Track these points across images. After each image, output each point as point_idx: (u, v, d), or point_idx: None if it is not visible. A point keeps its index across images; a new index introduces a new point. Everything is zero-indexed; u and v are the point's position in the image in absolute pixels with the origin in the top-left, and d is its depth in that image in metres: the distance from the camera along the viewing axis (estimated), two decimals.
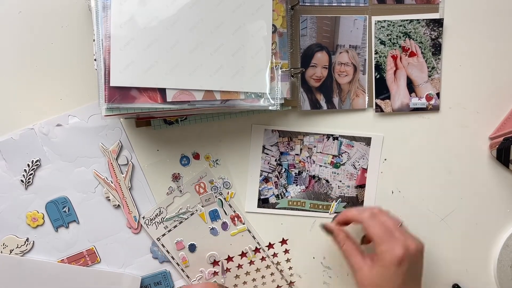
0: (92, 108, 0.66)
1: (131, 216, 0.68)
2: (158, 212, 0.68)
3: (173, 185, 0.68)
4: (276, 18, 0.61)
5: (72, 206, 0.67)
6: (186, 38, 0.57)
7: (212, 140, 0.68)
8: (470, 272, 0.71)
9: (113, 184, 0.67)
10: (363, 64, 0.68)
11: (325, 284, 0.71)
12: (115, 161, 0.67)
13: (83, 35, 0.66)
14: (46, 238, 0.67)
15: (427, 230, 0.71)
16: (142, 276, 0.68)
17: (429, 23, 0.68)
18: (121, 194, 0.67)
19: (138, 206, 0.68)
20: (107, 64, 0.55)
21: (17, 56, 0.66)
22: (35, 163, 0.66)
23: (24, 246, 0.67)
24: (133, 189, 0.68)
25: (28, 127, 0.66)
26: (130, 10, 0.56)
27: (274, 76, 0.60)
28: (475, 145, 0.70)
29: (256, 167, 0.69)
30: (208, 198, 0.69)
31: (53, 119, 0.66)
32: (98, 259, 0.68)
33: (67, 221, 0.67)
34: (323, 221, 0.70)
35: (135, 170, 0.68)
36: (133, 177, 0.68)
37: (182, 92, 0.57)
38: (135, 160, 0.67)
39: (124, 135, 0.67)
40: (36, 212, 0.67)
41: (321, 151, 0.69)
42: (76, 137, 0.66)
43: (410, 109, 0.69)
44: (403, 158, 0.70)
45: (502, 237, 0.71)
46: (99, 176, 0.67)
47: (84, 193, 0.67)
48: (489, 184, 0.71)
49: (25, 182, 0.66)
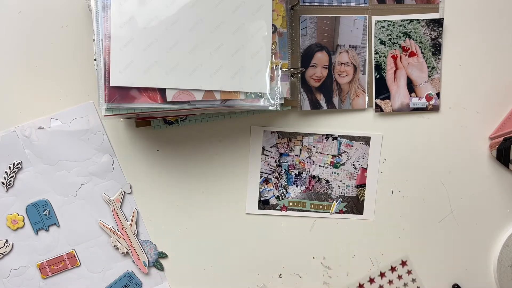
0: (75, 112, 0.66)
1: (141, 261, 0.68)
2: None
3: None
4: (276, 18, 0.61)
5: (53, 209, 0.67)
6: (186, 38, 0.57)
7: (212, 140, 0.68)
8: (470, 272, 0.71)
9: (120, 232, 0.67)
10: (363, 64, 0.68)
11: (325, 284, 0.71)
12: (120, 210, 0.67)
13: (83, 35, 0.66)
14: (26, 240, 0.67)
15: (427, 230, 0.71)
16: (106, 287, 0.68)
17: (429, 23, 0.68)
18: (128, 242, 0.68)
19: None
20: (107, 64, 0.55)
21: (17, 56, 0.66)
22: (16, 165, 0.66)
23: (4, 248, 0.66)
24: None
25: (10, 129, 0.65)
26: (130, 10, 0.56)
27: (274, 76, 0.60)
28: (475, 145, 0.70)
29: (256, 168, 0.69)
30: None
31: (35, 121, 0.66)
32: (78, 262, 0.68)
33: (47, 224, 0.67)
34: (323, 221, 0.70)
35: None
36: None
37: (182, 92, 0.57)
38: (117, 165, 0.67)
39: (106, 139, 0.67)
40: (17, 214, 0.66)
41: (321, 151, 0.69)
42: (58, 140, 0.66)
43: (410, 109, 0.69)
44: (403, 158, 0.70)
45: (502, 237, 0.71)
46: (105, 226, 0.67)
47: (65, 196, 0.67)
48: (489, 184, 0.71)
49: (6, 185, 0.66)
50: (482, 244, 0.71)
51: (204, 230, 0.70)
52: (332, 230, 0.70)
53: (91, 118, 0.66)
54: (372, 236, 0.71)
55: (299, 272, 0.71)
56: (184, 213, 0.69)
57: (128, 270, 0.69)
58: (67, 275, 0.68)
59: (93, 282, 0.68)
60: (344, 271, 0.71)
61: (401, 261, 0.71)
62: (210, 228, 0.70)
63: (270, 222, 0.70)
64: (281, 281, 0.71)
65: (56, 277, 0.68)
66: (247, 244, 0.70)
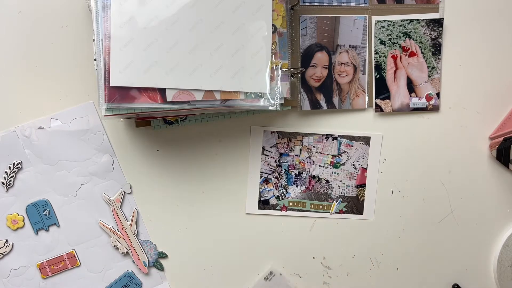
0: (75, 112, 0.66)
1: (141, 261, 0.68)
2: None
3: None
4: (276, 18, 0.61)
5: (53, 209, 0.67)
6: (186, 38, 0.57)
7: (212, 140, 0.68)
8: (470, 272, 0.71)
9: (120, 232, 0.67)
10: (363, 64, 0.68)
11: (325, 284, 0.71)
12: (120, 210, 0.67)
13: (83, 35, 0.66)
14: (26, 241, 0.67)
15: (427, 230, 0.71)
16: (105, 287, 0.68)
17: (429, 23, 0.68)
18: (128, 242, 0.68)
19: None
20: (107, 64, 0.55)
21: (17, 56, 0.66)
22: (16, 165, 0.66)
23: (4, 248, 0.66)
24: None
25: (10, 129, 0.66)
26: (130, 10, 0.56)
27: (274, 76, 0.60)
28: (475, 145, 0.70)
29: (256, 168, 0.69)
30: None
31: (35, 121, 0.66)
32: (78, 262, 0.68)
33: (47, 224, 0.67)
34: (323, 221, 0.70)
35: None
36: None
37: (182, 92, 0.57)
38: (117, 165, 0.67)
39: (106, 139, 0.67)
40: (17, 214, 0.66)
41: (321, 151, 0.69)
42: (58, 140, 0.66)
43: (410, 109, 0.69)
44: (403, 158, 0.70)
45: (502, 237, 0.71)
46: (105, 226, 0.67)
47: (65, 196, 0.67)
48: (489, 184, 0.71)
49: (6, 185, 0.66)
50: (482, 244, 0.71)
51: (204, 230, 0.70)
52: (332, 230, 0.70)
53: (91, 118, 0.66)
54: (372, 236, 0.71)
55: (299, 272, 0.71)
56: (184, 213, 0.69)
57: (128, 270, 0.69)
58: (67, 275, 0.68)
59: (93, 282, 0.68)
60: (344, 271, 0.71)
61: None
62: (210, 228, 0.70)
63: (270, 222, 0.70)
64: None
65: (56, 277, 0.68)
66: (247, 244, 0.70)
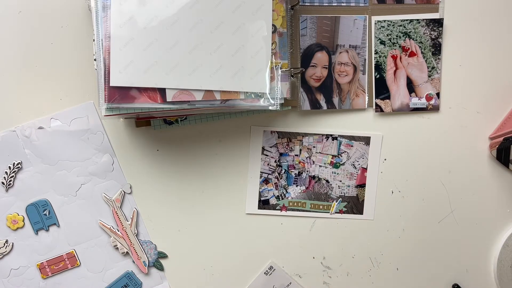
0: (75, 112, 0.66)
1: (141, 261, 0.68)
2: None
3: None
4: (276, 18, 0.61)
5: (53, 209, 0.67)
6: (186, 38, 0.57)
7: (212, 140, 0.68)
8: (470, 272, 0.71)
9: (120, 232, 0.67)
10: (363, 64, 0.68)
11: (325, 284, 0.71)
12: (120, 210, 0.67)
13: (83, 35, 0.66)
14: (26, 240, 0.67)
15: (427, 230, 0.71)
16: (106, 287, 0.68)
17: (429, 23, 0.68)
18: (128, 242, 0.68)
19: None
20: (107, 64, 0.55)
21: (17, 56, 0.66)
22: (16, 165, 0.66)
23: (4, 248, 0.66)
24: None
25: (10, 129, 0.65)
26: (130, 10, 0.56)
27: (274, 76, 0.60)
28: (475, 145, 0.70)
29: (256, 168, 0.69)
30: None
31: (35, 121, 0.66)
32: (78, 262, 0.68)
33: (47, 224, 0.67)
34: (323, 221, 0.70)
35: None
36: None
37: (182, 92, 0.57)
38: (117, 165, 0.67)
39: (106, 139, 0.67)
40: (17, 214, 0.66)
41: (321, 151, 0.69)
42: (58, 140, 0.66)
43: (410, 109, 0.69)
44: (403, 158, 0.70)
45: (502, 237, 0.71)
46: (105, 225, 0.67)
47: (65, 196, 0.67)
48: (489, 184, 0.71)
49: (6, 185, 0.66)
50: (482, 244, 0.71)
51: (204, 230, 0.70)
52: (332, 230, 0.70)
53: (91, 118, 0.66)
54: (372, 236, 0.71)
55: (299, 272, 0.71)
56: (184, 213, 0.69)
57: (128, 270, 0.69)
58: (67, 275, 0.68)
59: (93, 282, 0.68)
60: (344, 271, 0.71)
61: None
62: (210, 228, 0.70)
63: (270, 222, 0.70)
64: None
65: (56, 277, 0.68)
66: (247, 244, 0.70)
